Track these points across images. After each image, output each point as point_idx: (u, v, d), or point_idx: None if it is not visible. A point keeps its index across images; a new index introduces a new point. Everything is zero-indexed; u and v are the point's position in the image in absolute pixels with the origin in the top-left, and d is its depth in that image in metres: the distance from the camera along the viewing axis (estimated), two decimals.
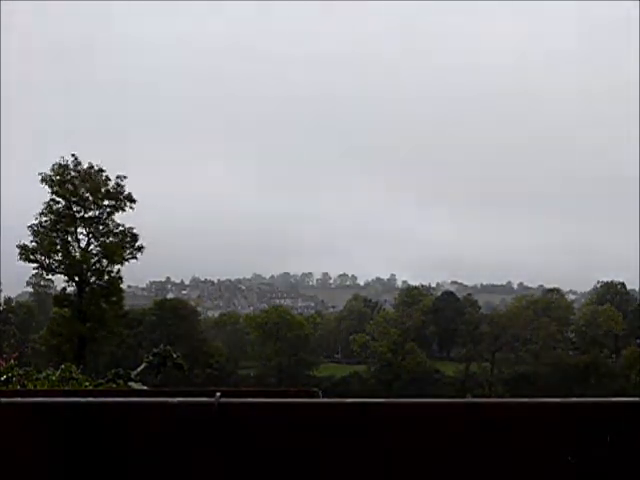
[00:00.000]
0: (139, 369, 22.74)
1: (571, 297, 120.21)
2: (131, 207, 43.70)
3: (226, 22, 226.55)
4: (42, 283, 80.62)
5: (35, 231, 42.45)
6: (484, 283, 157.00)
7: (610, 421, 3.42)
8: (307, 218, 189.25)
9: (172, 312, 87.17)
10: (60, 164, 42.73)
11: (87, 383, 11.14)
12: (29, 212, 42.96)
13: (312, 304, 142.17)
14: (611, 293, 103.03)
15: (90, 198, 43.01)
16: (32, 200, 44.45)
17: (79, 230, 43.55)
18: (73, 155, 43.22)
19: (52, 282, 66.65)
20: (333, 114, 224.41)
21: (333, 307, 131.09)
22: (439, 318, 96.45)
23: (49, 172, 42.46)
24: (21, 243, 42.21)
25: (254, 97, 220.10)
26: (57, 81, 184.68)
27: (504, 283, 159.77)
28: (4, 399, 3.57)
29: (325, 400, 3.63)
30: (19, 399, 3.69)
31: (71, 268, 42.73)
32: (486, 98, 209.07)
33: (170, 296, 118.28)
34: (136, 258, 43.90)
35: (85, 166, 43.24)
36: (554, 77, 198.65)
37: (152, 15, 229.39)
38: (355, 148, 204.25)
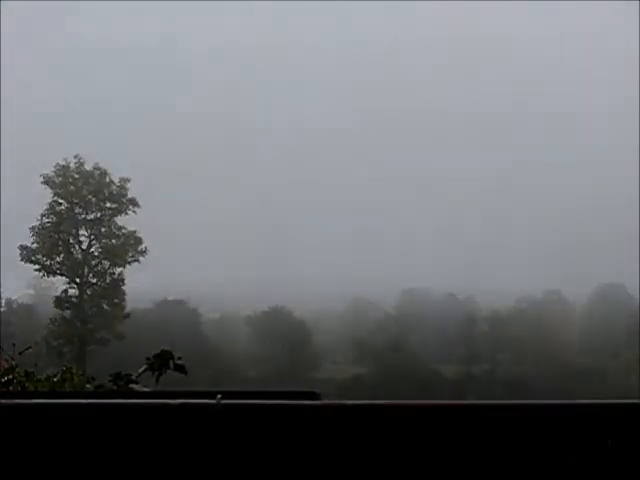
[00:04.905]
0: (140, 371, 22.69)
1: (571, 298, 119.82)
2: (134, 211, 43.73)
3: None
4: (43, 285, 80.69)
5: (37, 232, 42.49)
6: (484, 283, 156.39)
7: (610, 423, 3.43)
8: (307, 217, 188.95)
9: (173, 313, 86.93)
10: (62, 165, 42.74)
11: (88, 385, 11.13)
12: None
13: (312, 304, 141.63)
14: (611, 295, 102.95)
15: (92, 200, 43.07)
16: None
17: (80, 232, 43.63)
18: (76, 156, 43.25)
19: (53, 284, 66.75)
20: None
21: (333, 307, 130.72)
22: (439, 319, 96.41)
23: (51, 173, 42.52)
24: (23, 244, 42.32)
25: None
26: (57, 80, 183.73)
27: (504, 283, 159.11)
28: (5, 400, 3.58)
29: (326, 402, 3.64)
30: (20, 400, 3.70)
31: (72, 270, 42.78)
32: None
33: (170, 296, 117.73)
34: (138, 261, 43.99)
35: (89, 167, 43.29)
36: None
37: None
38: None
